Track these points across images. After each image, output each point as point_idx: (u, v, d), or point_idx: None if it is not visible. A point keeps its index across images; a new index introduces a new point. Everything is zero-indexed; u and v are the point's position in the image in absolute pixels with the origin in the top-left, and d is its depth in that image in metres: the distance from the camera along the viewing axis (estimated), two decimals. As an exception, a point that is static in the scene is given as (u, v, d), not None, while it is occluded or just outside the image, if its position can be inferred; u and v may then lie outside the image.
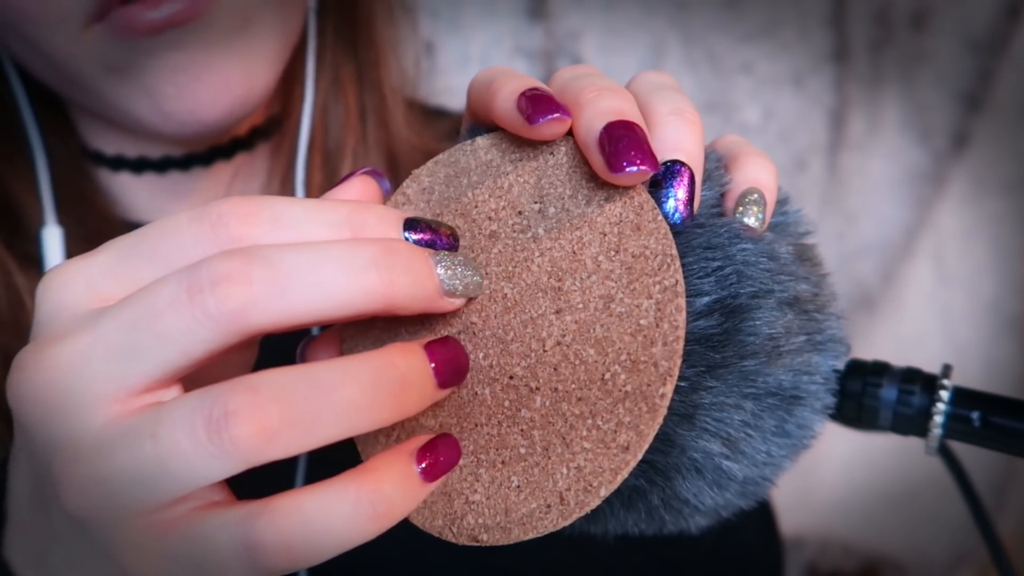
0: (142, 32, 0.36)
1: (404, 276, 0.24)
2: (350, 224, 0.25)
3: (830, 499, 1.02)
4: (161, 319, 0.22)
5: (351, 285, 0.23)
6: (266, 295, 0.22)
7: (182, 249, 0.23)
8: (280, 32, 0.41)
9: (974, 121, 0.99)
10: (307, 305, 0.23)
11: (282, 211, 0.24)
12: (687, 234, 0.26)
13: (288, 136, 0.48)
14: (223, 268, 0.22)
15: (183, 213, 0.24)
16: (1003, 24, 0.96)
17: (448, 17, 0.85)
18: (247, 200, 0.24)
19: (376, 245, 0.24)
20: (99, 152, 0.46)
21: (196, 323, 0.22)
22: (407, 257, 0.24)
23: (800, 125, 0.96)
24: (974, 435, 0.30)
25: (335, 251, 0.23)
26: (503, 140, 0.29)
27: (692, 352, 0.25)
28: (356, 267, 0.23)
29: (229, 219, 0.24)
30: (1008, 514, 1.03)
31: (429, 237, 0.26)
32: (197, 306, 0.22)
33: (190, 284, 0.22)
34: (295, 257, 0.23)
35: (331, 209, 0.25)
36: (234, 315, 0.22)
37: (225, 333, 0.22)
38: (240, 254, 0.22)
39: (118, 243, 0.24)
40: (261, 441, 0.21)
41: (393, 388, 0.23)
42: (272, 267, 0.22)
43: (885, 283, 1.02)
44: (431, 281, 0.25)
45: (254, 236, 0.24)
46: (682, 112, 0.27)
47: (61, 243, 0.43)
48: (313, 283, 0.23)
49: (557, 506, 0.25)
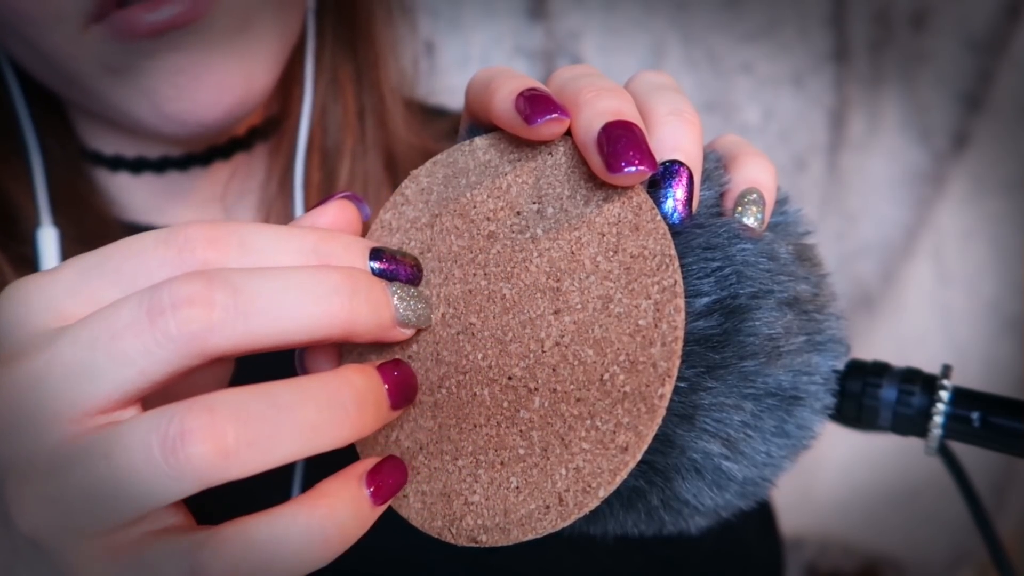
0: (142, 34, 0.36)
1: (365, 305, 0.24)
2: (316, 252, 0.25)
3: (830, 499, 1.02)
4: (120, 340, 0.22)
5: (314, 312, 0.23)
6: (228, 319, 0.22)
7: (147, 271, 0.23)
8: (279, 33, 0.41)
9: (974, 121, 0.98)
10: (269, 330, 0.23)
11: (249, 237, 0.24)
12: (686, 234, 0.26)
13: (287, 136, 0.48)
14: (185, 290, 0.22)
15: (149, 234, 0.24)
16: (1003, 24, 0.96)
17: (448, 17, 0.85)
18: (215, 224, 0.24)
19: (339, 273, 0.24)
20: (97, 152, 0.46)
21: (156, 345, 0.22)
22: (368, 287, 0.25)
23: (800, 125, 0.96)
24: (974, 435, 0.30)
25: (299, 277, 0.23)
26: (501, 140, 0.29)
27: (691, 353, 0.25)
28: (319, 294, 0.23)
29: (196, 243, 0.23)
30: (1008, 514, 1.03)
31: (392, 267, 0.27)
32: (157, 328, 0.22)
33: (151, 306, 0.22)
34: (259, 282, 0.23)
35: (298, 237, 0.25)
36: (194, 338, 0.22)
37: (185, 356, 0.22)
38: (203, 277, 0.22)
39: (81, 261, 0.24)
40: (218, 461, 0.21)
41: (350, 408, 0.24)
42: (235, 291, 0.22)
43: (885, 283, 1.02)
44: (388, 311, 0.26)
45: (220, 261, 0.24)
46: (681, 112, 0.27)
47: (57, 244, 0.43)
48: (276, 308, 0.23)
49: (556, 507, 0.25)
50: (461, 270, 0.28)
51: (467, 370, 0.27)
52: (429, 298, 0.28)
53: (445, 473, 0.27)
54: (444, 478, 0.27)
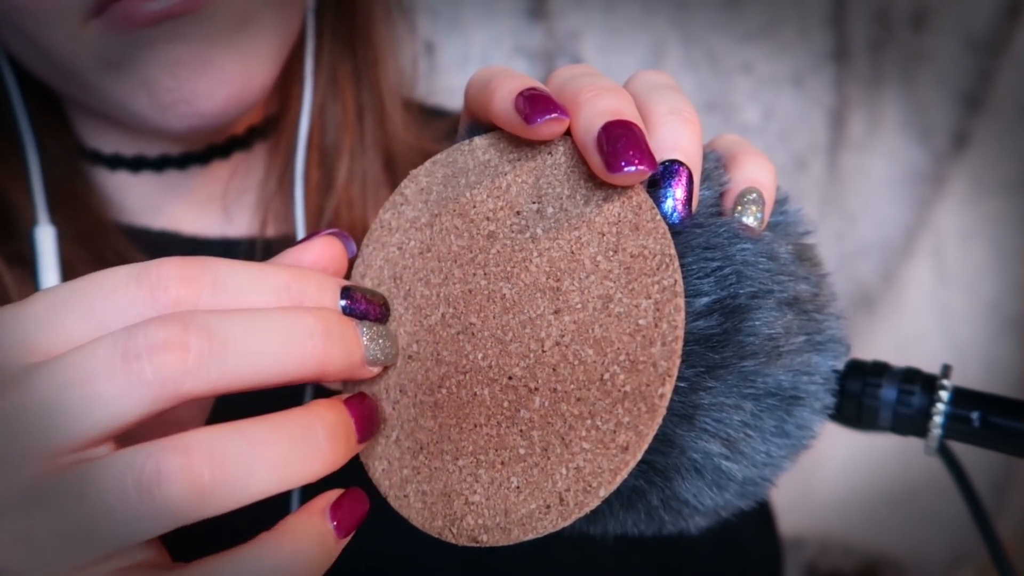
0: (141, 23, 0.36)
1: (337, 347, 0.25)
2: (289, 291, 0.25)
3: (830, 499, 1.02)
4: (94, 383, 0.22)
5: (288, 355, 0.24)
6: (203, 363, 0.22)
7: (119, 309, 0.23)
8: (279, 30, 0.42)
9: (974, 121, 0.98)
10: (243, 373, 0.23)
11: (223, 275, 0.24)
12: (686, 234, 0.26)
13: (285, 135, 0.48)
14: (160, 334, 0.22)
15: (121, 269, 0.24)
16: (1003, 24, 0.96)
17: (448, 17, 0.85)
18: (188, 262, 0.24)
19: (312, 316, 0.24)
20: (96, 151, 0.46)
21: (130, 388, 0.22)
22: (340, 329, 0.25)
23: (800, 125, 0.96)
24: (974, 435, 0.30)
25: (273, 320, 0.24)
26: (501, 140, 0.29)
27: (691, 352, 0.25)
28: (293, 337, 0.24)
29: (168, 281, 0.23)
30: (1008, 514, 1.03)
31: (363, 308, 0.27)
32: (132, 372, 0.22)
33: (125, 349, 0.22)
34: (233, 325, 0.23)
35: (272, 275, 0.25)
36: (169, 383, 0.22)
37: (159, 399, 0.22)
38: (178, 320, 0.22)
39: (52, 294, 0.24)
40: (193, 500, 0.21)
41: (322, 443, 0.24)
42: (210, 335, 0.22)
43: (885, 283, 1.02)
44: (358, 352, 0.26)
45: (193, 299, 0.24)
46: (680, 112, 0.27)
47: (54, 242, 0.43)
48: (250, 352, 0.23)
49: (556, 507, 0.25)
50: (461, 270, 0.28)
51: (467, 370, 0.27)
52: (396, 336, 0.29)
53: (446, 473, 0.27)
54: (445, 478, 0.27)
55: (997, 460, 0.94)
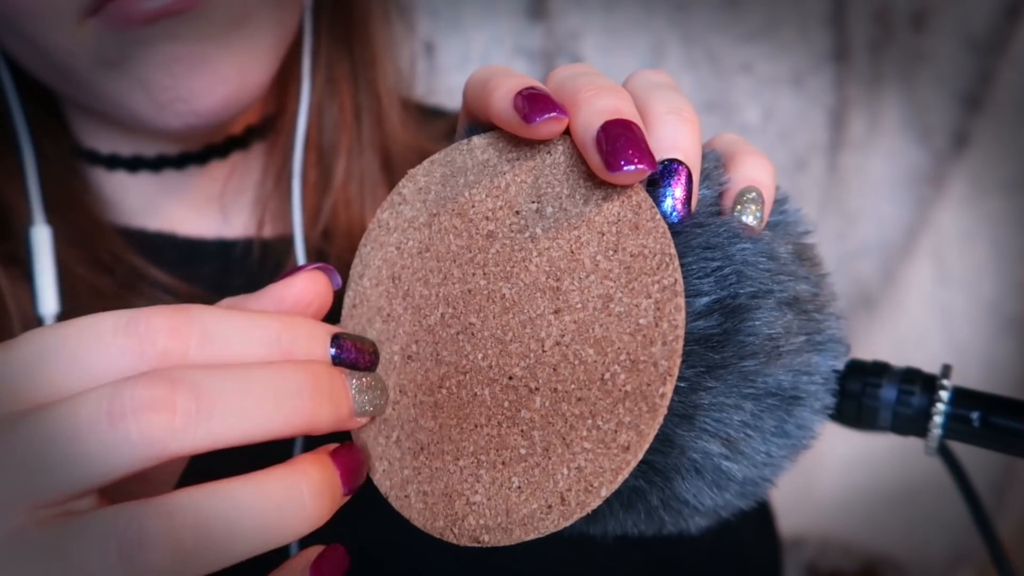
0: (137, 21, 0.36)
1: (326, 404, 0.25)
2: (280, 342, 0.25)
3: (830, 499, 1.02)
4: (78, 440, 0.22)
5: (275, 414, 0.23)
6: (189, 424, 0.22)
7: (106, 360, 0.23)
8: (276, 30, 0.41)
9: (974, 121, 0.98)
10: (230, 433, 0.23)
11: (212, 326, 0.24)
12: (686, 234, 0.26)
13: (283, 135, 0.48)
14: (147, 394, 0.22)
15: (110, 317, 0.23)
16: (1003, 24, 0.96)
17: (448, 17, 0.85)
18: (177, 312, 0.24)
19: (302, 372, 0.24)
20: (93, 151, 0.46)
21: (115, 447, 0.22)
22: (329, 384, 0.25)
23: (800, 125, 0.96)
24: (974, 435, 0.30)
25: (262, 378, 0.23)
26: (500, 139, 0.29)
27: (691, 352, 0.25)
28: (282, 396, 0.24)
29: (157, 333, 0.23)
30: (1008, 514, 1.02)
31: (353, 357, 0.27)
32: (118, 431, 0.22)
33: (111, 407, 0.22)
34: (221, 384, 0.23)
35: (262, 326, 0.25)
36: (155, 443, 0.22)
37: (144, 459, 0.22)
38: (165, 378, 0.22)
39: (40, 340, 0.23)
40: (175, 565, 0.21)
41: (307, 502, 0.24)
42: (198, 395, 0.22)
43: (885, 283, 1.02)
44: (346, 407, 0.26)
45: (181, 352, 0.23)
46: (680, 111, 0.27)
47: (50, 243, 0.43)
48: (238, 412, 0.23)
49: (558, 506, 0.25)
50: (460, 270, 0.28)
51: (467, 370, 0.27)
52: (385, 384, 0.29)
53: (446, 473, 0.27)
54: (446, 478, 0.27)
55: (997, 460, 0.94)
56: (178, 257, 0.47)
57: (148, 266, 0.45)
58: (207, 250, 0.48)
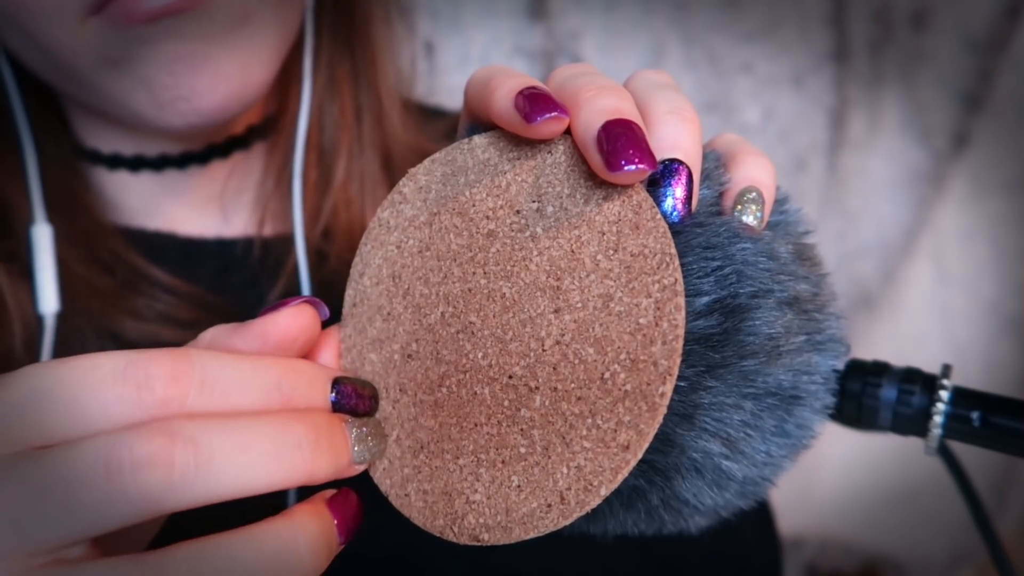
0: (140, 20, 0.36)
1: (325, 456, 0.24)
2: (280, 390, 0.25)
3: (830, 499, 1.02)
4: (74, 493, 0.21)
5: (274, 469, 0.23)
6: (187, 480, 0.22)
7: (103, 407, 0.22)
8: (277, 29, 0.42)
9: (974, 121, 0.98)
10: (227, 488, 0.22)
11: (212, 373, 0.24)
12: (686, 233, 0.26)
13: (284, 134, 0.48)
14: (145, 449, 0.21)
15: (108, 361, 0.23)
16: (1003, 24, 0.96)
17: (448, 17, 0.85)
18: (176, 357, 0.23)
19: (302, 425, 0.24)
20: (95, 151, 0.46)
21: (110, 502, 0.21)
22: (329, 435, 0.25)
23: (800, 125, 0.96)
24: (974, 435, 0.30)
25: (263, 431, 0.23)
26: (501, 139, 0.29)
27: (691, 352, 0.25)
28: (281, 451, 0.23)
29: (155, 381, 0.23)
30: (1008, 514, 1.03)
31: (353, 403, 0.27)
32: (114, 487, 0.21)
33: (108, 462, 0.21)
34: (221, 438, 0.22)
35: (263, 373, 0.25)
36: (151, 499, 0.22)
37: (140, 514, 0.22)
38: (164, 433, 0.22)
39: (36, 380, 0.23)
40: None
41: (303, 555, 0.24)
42: (196, 450, 0.22)
43: (885, 283, 1.02)
44: (346, 457, 0.26)
45: (180, 400, 0.23)
46: (680, 111, 0.27)
47: (51, 241, 0.43)
48: (236, 467, 0.22)
49: (558, 505, 0.25)
50: (460, 268, 0.28)
51: (467, 369, 0.27)
52: (383, 431, 0.28)
53: (446, 472, 0.27)
54: (445, 477, 0.27)
55: (997, 460, 0.94)
56: (178, 256, 0.47)
57: (148, 265, 0.45)
58: (207, 249, 0.48)
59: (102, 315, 0.43)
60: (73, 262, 0.43)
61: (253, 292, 0.47)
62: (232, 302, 0.46)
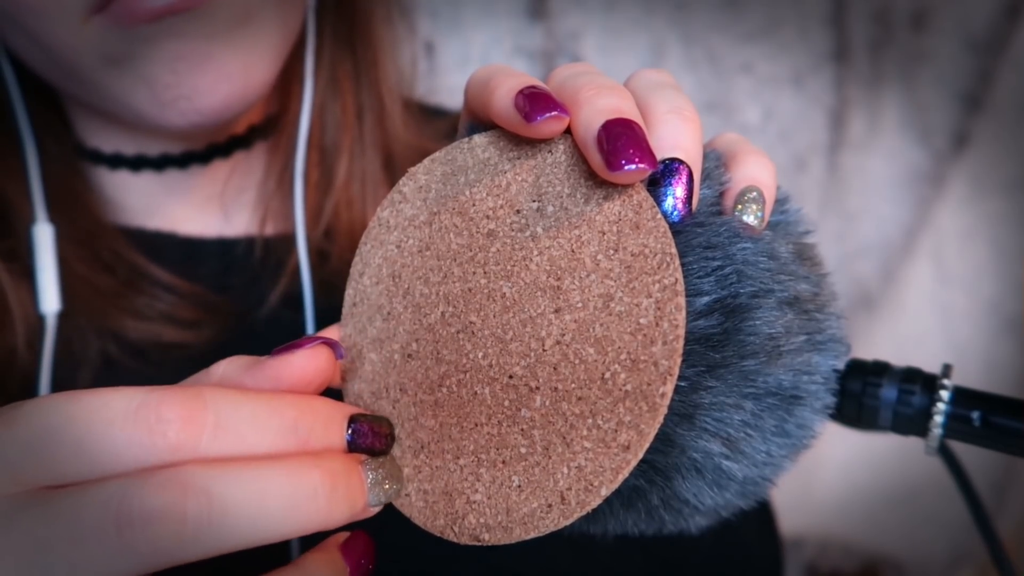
0: (142, 19, 0.36)
1: (341, 503, 0.24)
2: (296, 432, 0.24)
3: (830, 499, 1.02)
4: (82, 546, 0.21)
5: (290, 519, 0.23)
6: (200, 533, 0.21)
7: (113, 450, 0.22)
8: (279, 28, 0.42)
9: (974, 121, 0.98)
10: (239, 539, 0.22)
11: (226, 415, 0.23)
12: (686, 233, 0.26)
13: (286, 134, 0.48)
14: (157, 502, 0.21)
15: (120, 400, 0.22)
16: (1003, 24, 0.96)
17: (448, 17, 0.85)
18: (189, 398, 0.23)
19: (319, 471, 0.23)
20: (96, 150, 0.46)
21: (120, 555, 0.21)
22: (346, 483, 0.24)
23: (800, 125, 0.96)
24: (974, 435, 0.30)
25: (278, 480, 0.22)
26: (501, 138, 0.29)
27: (692, 352, 0.25)
28: (298, 500, 0.23)
29: (168, 424, 0.22)
30: (1008, 514, 1.03)
31: (369, 442, 0.26)
32: (124, 540, 0.21)
33: (119, 514, 0.21)
34: (234, 489, 0.22)
35: (278, 414, 0.24)
36: (162, 552, 0.21)
37: (148, 566, 0.21)
38: (176, 486, 0.21)
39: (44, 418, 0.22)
40: None
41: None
42: (210, 502, 0.21)
43: (885, 283, 1.02)
44: (361, 501, 0.25)
45: (193, 444, 0.22)
46: (680, 110, 0.27)
47: (52, 241, 0.43)
48: (250, 518, 0.22)
49: (558, 505, 0.25)
50: (460, 268, 0.28)
51: (468, 369, 0.27)
52: (400, 471, 0.28)
53: (447, 472, 0.27)
54: (446, 477, 0.27)
55: (997, 460, 0.94)
56: (179, 256, 0.47)
57: (149, 265, 0.45)
58: (208, 249, 0.48)
59: (103, 315, 0.43)
60: (74, 262, 0.43)
61: (254, 292, 0.47)
62: (233, 302, 0.46)
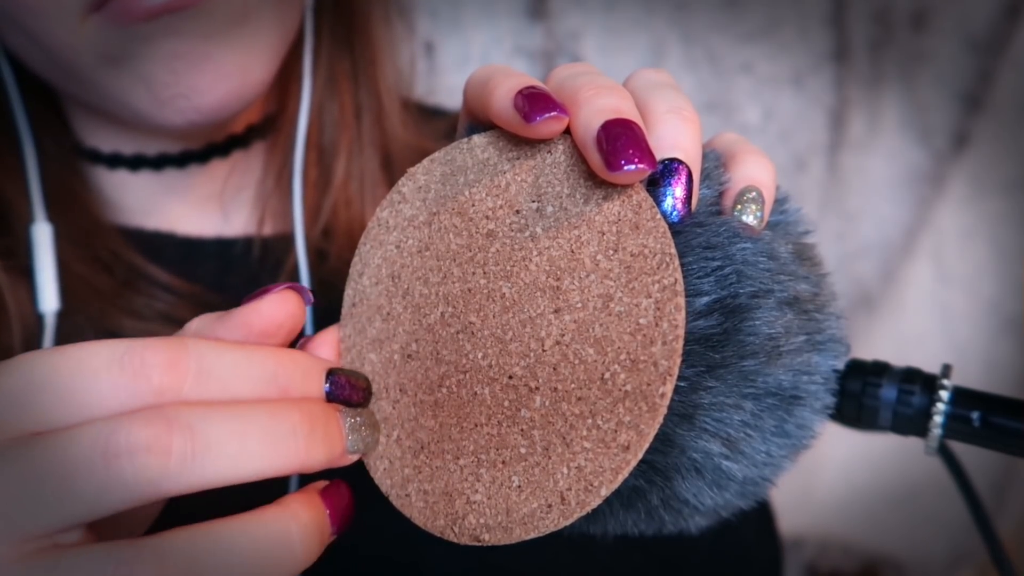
0: (140, 17, 0.36)
1: (319, 444, 0.25)
2: (276, 381, 0.25)
3: (830, 499, 1.02)
4: (71, 479, 0.22)
5: (270, 456, 0.23)
6: (184, 466, 0.22)
7: (99, 396, 0.23)
8: (277, 27, 0.42)
9: (974, 121, 0.98)
10: (223, 475, 0.23)
11: (209, 362, 0.24)
12: (686, 233, 0.26)
13: (284, 133, 0.48)
14: (143, 436, 0.22)
15: (104, 350, 0.23)
16: (1003, 24, 0.96)
17: (448, 17, 0.85)
18: (171, 346, 0.23)
19: (298, 413, 0.24)
20: (95, 150, 0.46)
21: (108, 487, 0.22)
22: (324, 425, 0.25)
23: (800, 125, 0.96)
24: (974, 435, 0.30)
25: (258, 419, 0.23)
26: (500, 138, 0.29)
27: (692, 352, 0.25)
28: (276, 438, 0.24)
29: (152, 369, 0.23)
30: (1008, 514, 1.03)
31: (347, 393, 0.27)
32: (112, 472, 0.22)
33: (106, 447, 0.22)
34: (217, 425, 0.23)
35: (259, 363, 0.25)
36: (148, 484, 0.22)
37: (137, 498, 0.22)
38: (162, 420, 0.22)
39: (31, 369, 0.23)
40: None
41: (296, 545, 0.24)
42: (193, 436, 0.22)
43: (885, 283, 1.02)
44: (340, 446, 0.26)
45: (176, 388, 0.23)
46: (680, 110, 0.27)
47: (51, 240, 0.43)
48: (232, 453, 0.23)
49: (558, 506, 0.25)
50: (460, 268, 0.28)
51: (467, 369, 0.27)
52: (377, 421, 0.29)
53: (447, 472, 0.27)
54: (446, 477, 0.27)
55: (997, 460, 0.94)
56: (178, 255, 0.47)
57: (147, 264, 0.45)
58: (207, 249, 0.48)
59: (102, 314, 0.43)
60: (73, 261, 0.43)
61: (253, 291, 0.47)
62: (232, 301, 0.46)
